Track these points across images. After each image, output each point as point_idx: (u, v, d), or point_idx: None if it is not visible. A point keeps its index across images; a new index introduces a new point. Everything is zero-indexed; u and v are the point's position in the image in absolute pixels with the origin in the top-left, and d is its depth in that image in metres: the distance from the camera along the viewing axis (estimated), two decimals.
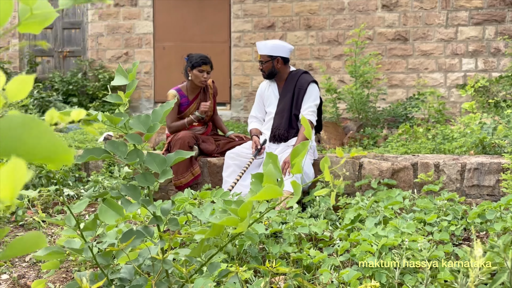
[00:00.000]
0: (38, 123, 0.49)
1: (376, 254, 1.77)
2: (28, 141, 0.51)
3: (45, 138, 0.50)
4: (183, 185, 3.62)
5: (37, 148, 0.51)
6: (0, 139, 0.51)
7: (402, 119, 5.29)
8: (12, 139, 0.51)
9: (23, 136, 0.50)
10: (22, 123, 0.49)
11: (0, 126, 0.51)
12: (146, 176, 1.10)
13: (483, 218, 2.16)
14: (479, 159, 3.36)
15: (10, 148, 0.50)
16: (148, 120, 1.11)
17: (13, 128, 0.49)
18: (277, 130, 3.53)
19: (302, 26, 6.66)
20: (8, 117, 0.52)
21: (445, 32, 6.22)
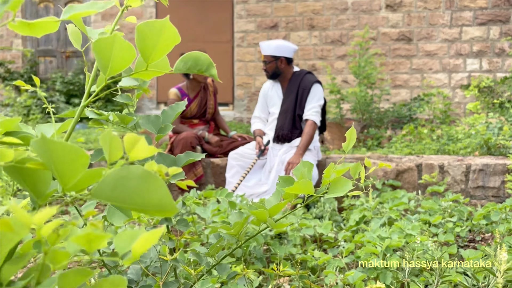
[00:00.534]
0: (155, 178, 0.51)
1: (381, 255, 1.76)
2: (142, 194, 0.54)
3: (158, 192, 0.52)
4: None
5: (148, 202, 0.54)
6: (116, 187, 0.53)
7: (406, 119, 5.28)
8: (127, 190, 0.54)
9: (138, 189, 0.52)
10: (140, 176, 0.52)
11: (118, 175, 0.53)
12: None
13: (488, 219, 2.15)
14: (484, 160, 3.35)
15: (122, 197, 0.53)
16: (158, 121, 1.11)
17: (130, 179, 0.52)
18: (280, 130, 3.52)
19: (305, 26, 6.65)
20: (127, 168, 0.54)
21: (449, 32, 6.21)
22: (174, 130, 3.84)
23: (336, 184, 0.91)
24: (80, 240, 0.53)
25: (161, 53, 0.75)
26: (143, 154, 0.56)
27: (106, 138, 0.57)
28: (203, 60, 0.85)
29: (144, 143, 0.56)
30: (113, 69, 0.74)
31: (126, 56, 0.72)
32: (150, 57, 0.75)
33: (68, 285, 0.57)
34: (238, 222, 0.94)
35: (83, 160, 0.57)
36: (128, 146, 0.57)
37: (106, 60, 0.72)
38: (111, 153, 0.58)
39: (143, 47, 0.74)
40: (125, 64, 0.73)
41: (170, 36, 0.73)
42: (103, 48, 0.71)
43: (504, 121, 3.81)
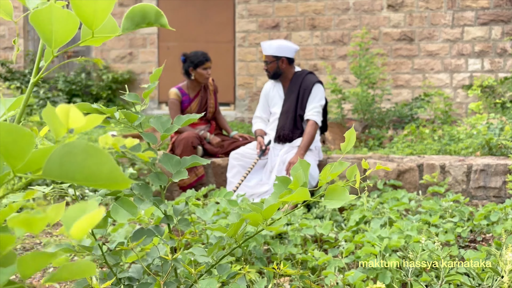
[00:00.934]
0: (99, 152, 0.51)
1: (379, 256, 1.77)
2: (89, 168, 0.53)
3: (106, 166, 0.51)
4: (187, 185, 3.63)
5: (97, 175, 0.53)
6: (62, 164, 0.52)
7: (408, 119, 5.28)
8: (74, 165, 0.53)
9: (84, 163, 0.52)
10: (84, 150, 0.51)
11: (62, 151, 0.52)
12: (159, 176, 1.10)
13: (489, 220, 2.15)
14: (486, 160, 3.35)
15: (71, 172, 0.52)
16: (168, 123, 1.12)
17: (76, 154, 0.51)
18: (282, 130, 3.52)
19: (307, 26, 6.66)
20: (70, 144, 0.53)
21: (451, 32, 6.20)
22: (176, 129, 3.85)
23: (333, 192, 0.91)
24: (20, 223, 0.52)
25: (102, 16, 0.72)
26: (80, 123, 0.56)
27: (48, 113, 0.57)
28: (149, 12, 0.82)
29: (76, 111, 0.55)
30: (57, 41, 0.72)
31: (68, 26, 0.70)
32: (93, 23, 0.73)
33: (28, 269, 0.57)
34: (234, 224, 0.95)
35: (27, 139, 0.56)
36: (62, 117, 0.56)
37: (48, 32, 0.71)
38: (55, 128, 0.57)
39: (82, 14, 0.72)
40: (69, 34, 0.72)
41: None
42: (41, 20, 0.70)
43: (505, 121, 3.80)
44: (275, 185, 0.96)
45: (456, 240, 2.15)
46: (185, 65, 3.86)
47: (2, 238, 0.58)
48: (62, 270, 0.58)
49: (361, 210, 2.37)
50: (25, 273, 0.59)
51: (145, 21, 0.84)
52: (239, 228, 0.97)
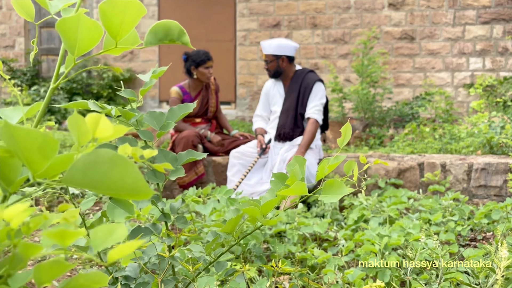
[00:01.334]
0: (125, 162, 0.51)
1: (379, 254, 1.76)
2: (113, 178, 0.53)
3: (130, 176, 0.51)
4: (187, 184, 3.62)
5: (121, 185, 0.54)
6: (86, 172, 0.53)
7: (409, 118, 5.27)
8: (98, 174, 0.53)
9: (109, 172, 0.52)
10: (110, 160, 0.51)
11: (87, 159, 0.52)
12: (156, 173, 1.10)
13: (490, 218, 2.14)
14: (486, 159, 3.34)
15: (94, 181, 0.52)
16: (162, 118, 1.11)
17: (101, 163, 0.51)
18: (282, 129, 3.52)
19: (308, 25, 6.65)
20: (96, 152, 0.53)
21: (452, 31, 6.19)
22: (176, 128, 3.85)
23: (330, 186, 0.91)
24: (53, 236, 0.52)
25: (128, 28, 0.73)
26: (108, 133, 0.56)
27: (74, 121, 0.57)
28: (173, 29, 0.83)
29: (106, 121, 0.55)
30: (80, 49, 0.73)
31: (92, 35, 0.71)
32: (118, 34, 0.74)
33: (45, 278, 0.57)
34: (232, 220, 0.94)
35: (51, 146, 0.56)
36: (91, 126, 0.56)
37: (72, 40, 0.71)
38: (79, 136, 0.57)
39: (109, 25, 0.73)
40: (93, 43, 0.72)
41: (135, 11, 0.71)
42: (67, 28, 0.70)
43: (506, 120, 3.79)
44: (272, 182, 0.96)
45: (456, 238, 2.14)
46: (187, 64, 3.85)
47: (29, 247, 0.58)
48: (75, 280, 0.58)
49: (360, 209, 2.36)
50: (41, 281, 0.59)
51: (167, 38, 0.86)
52: (237, 224, 0.96)
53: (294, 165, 0.94)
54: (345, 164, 0.95)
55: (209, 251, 1.01)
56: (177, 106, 1.07)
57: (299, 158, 1.00)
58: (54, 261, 0.58)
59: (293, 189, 0.85)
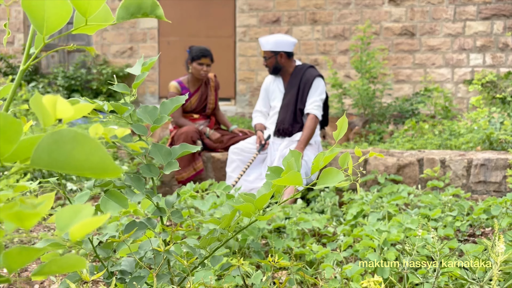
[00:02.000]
0: (89, 140, 0.49)
1: (378, 250, 1.75)
2: (79, 157, 0.52)
3: (96, 154, 0.50)
4: (185, 179, 3.62)
5: (86, 164, 0.52)
6: (51, 152, 0.51)
7: (409, 114, 5.25)
8: (63, 154, 0.52)
9: (74, 151, 0.50)
10: (73, 138, 0.50)
11: (50, 140, 0.51)
12: (150, 167, 1.09)
13: (489, 214, 2.14)
14: (486, 155, 3.33)
15: (60, 162, 0.51)
16: (155, 112, 1.10)
17: (64, 143, 0.50)
18: (281, 124, 3.51)
19: (307, 20, 6.62)
20: (59, 132, 0.52)
21: (453, 27, 6.17)
22: (175, 123, 3.84)
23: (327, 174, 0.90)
24: (10, 217, 0.51)
25: (97, 3, 0.71)
26: (68, 114, 0.54)
27: (36, 102, 0.55)
28: (145, 2, 0.81)
29: (63, 102, 0.54)
30: (49, 27, 0.71)
31: (60, 12, 0.69)
32: (87, 10, 0.72)
33: (14, 263, 0.56)
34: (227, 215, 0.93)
35: (15, 127, 0.55)
36: (50, 108, 0.55)
37: (39, 18, 0.69)
38: (43, 118, 0.56)
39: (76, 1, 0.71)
40: (62, 21, 0.70)
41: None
42: (33, 5, 0.68)
43: (506, 116, 3.78)
44: (267, 175, 0.95)
45: (455, 234, 2.13)
46: (188, 57, 3.85)
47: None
48: (51, 264, 0.57)
49: (359, 204, 2.35)
50: (11, 267, 0.58)
51: (140, 12, 0.84)
52: (232, 219, 0.95)
53: (290, 158, 0.93)
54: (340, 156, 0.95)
55: (204, 244, 1.00)
56: (169, 100, 1.06)
57: (295, 152, 0.99)
58: (22, 247, 0.57)
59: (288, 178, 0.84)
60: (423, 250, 1.81)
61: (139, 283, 0.97)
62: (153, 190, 1.11)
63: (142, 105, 1.08)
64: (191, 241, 1.04)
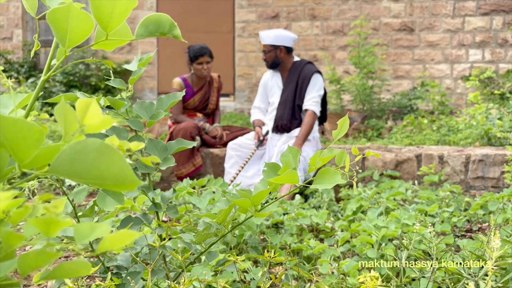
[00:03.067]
0: (113, 151, 0.50)
1: (376, 245, 1.76)
2: (100, 167, 0.52)
3: (117, 166, 0.50)
4: (184, 175, 3.62)
5: (107, 175, 0.53)
6: (72, 162, 0.52)
7: (407, 110, 5.25)
8: (84, 163, 0.52)
9: (96, 162, 0.51)
10: (97, 149, 0.50)
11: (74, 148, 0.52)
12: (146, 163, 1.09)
13: (486, 209, 2.14)
14: (484, 150, 3.33)
15: (80, 172, 0.51)
16: (152, 107, 1.10)
17: (87, 153, 0.50)
18: (280, 120, 3.51)
19: (307, 16, 6.61)
20: (84, 141, 0.52)
21: (452, 23, 6.16)
22: (174, 119, 3.83)
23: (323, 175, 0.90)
24: (38, 224, 0.52)
25: (118, 20, 0.72)
26: (97, 121, 0.55)
27: (61, 110, 0.56)
28: (164, 22, 0.82)
29: (96, 106, 0.54)
30: (71, 40, 0.72)
31: (83, 26, 0.70)
32: (109, 25, 0.72)
33: (29, 267, 0.56)
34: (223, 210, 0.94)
35: (37, 136, 0.55)
36: (80, 112, 0.55)
37: (63, 31, 0.70)
38: (66, 126, 0.56)
39: (99, 16, 0.72)
40: (84, 35, 0.71)
41: (125, 1, 0.70)
42: (58, 18, 0.69)
43: (504, 112, 3.78)
44: (264, 172, 0.95)
45: (452, 230, 2.14)
46: (188, 58, 3.84)
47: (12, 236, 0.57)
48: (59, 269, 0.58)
49: (357, 200, 2.36)
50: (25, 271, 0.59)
51: (158, 31, 0.85)
52: (228, 214, 0.96)
53: (287, 155, 0.93)
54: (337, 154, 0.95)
55: (200, 240, 1.00)
56: (165, 96, 1.06)
57: (293, 148, 0.99)
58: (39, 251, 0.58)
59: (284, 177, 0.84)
60: (420, 245, 1.81)
61: (135, 278, 0.97)
62: (149, 186, 1.11)
63: (139, 100, 1.08)
64: (187, 236, 1.04)
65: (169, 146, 1.10)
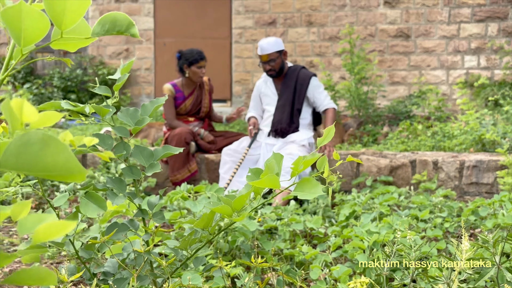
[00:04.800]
0: (56, 142, 0.50)
1: (367, 251, 1.76)
2: (45, 159, 0.53)
3: (62, 156, 0.51)
4: (180, 181, 3.62)
5: (53, 166, 0.53)
6: (18, 154, 0.52)
7: (403, 116, 5.27)
8: (30, 155, 0.53)
9: (41, 153, 0.51)
10: (41, 140, 0.51)
11: (19, 141, 0.52)
12: (132, 169, 1.10)
13: (477, 215, 2.15)
14: (478, 156, 3.34)
15: (27, 163, 0.52)
16: (136, 114, 1.11)
17: (32, 144, 0.51)
18: (279, 124, 3.54)
19: (303, 22, 6.64)
20: (27, 134, 0.53)
21: (448, 29, 6.19)
22: (169, 125, 3.84)
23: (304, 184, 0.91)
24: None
25: (72, 18, 0.71)
26: (34, 118, 0.55)
27: (6, 107, 0.56)
28: (121, 20, 0.82)
29: (29, 106, 0.55)
30: (26, 40, 0.72)
31: (38, 25, 0.70)
32: (62, 24, 0.72)
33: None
34: (206, 215, 0.94)
35: None
36: (17, 111, 0.56)
37: (17, 30, 0.70)
38: (12, 122, 0.57)
39: (52, 14, 0.71)
40: (39, 34, 0.71)
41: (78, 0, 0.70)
42: (11, 17, 0.69)
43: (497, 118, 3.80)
44: (248, 177, 0.96)
45: (444, 235, 2.14)
46: (180, 62, 3.84)
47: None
48: (18, 275, 0.57)
49: (351, 205, 2.36)
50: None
51: (115, 29, 0.85)
52: (211, 219, 0.96)
53: (271, 160, 0.94)
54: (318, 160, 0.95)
55: (185, 246, 1.00)
56: (149, 102, 1.07)
57: (277, 154, 1.00)
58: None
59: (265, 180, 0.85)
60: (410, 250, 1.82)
61: (121, 285, 0.97)
62: (135, 192, 1.11)
63: (123, 108, 1.08)
64: (172, 242, 1.04)
65: (155, 153, 1.10)
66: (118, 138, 1.14)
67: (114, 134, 4.79)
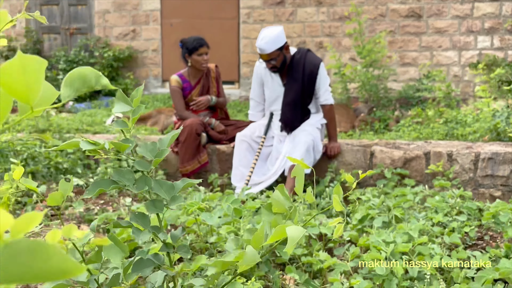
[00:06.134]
0: (45, 247, 0.49)
1: (384, 263, 1.75)
2: (36, 265, 0.52)
3: (54, 260, 0.50)
4: (189, 172, 3.60)
5: (47, 271, 0.53)
6: (6, 267, 0.51)
7: (415, 101, 5.20)
8: (20, 266, 0.52)
9: (31, 262, 0.51)
10: (28, 249, 0.50)
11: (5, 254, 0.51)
12: (155, 203, 1.08)
13: (497, 219, 2.12)
14: (494, 147, 3.30)
15: (17, 273, 0.51)
16: (155, 147, 1.09)
17: (19, 255, 0.50)
18: (291, 124, 3.44)
19: (312, 2, 6.50)
20: (13, 244, 0.52)
21: (461, 9, 6.04)
22: (179, 116, 3.80)
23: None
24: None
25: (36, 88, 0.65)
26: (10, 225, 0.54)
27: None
28: (88, 76, 0.78)
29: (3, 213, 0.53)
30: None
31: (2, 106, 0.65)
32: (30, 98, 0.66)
33: None
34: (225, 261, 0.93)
35: None
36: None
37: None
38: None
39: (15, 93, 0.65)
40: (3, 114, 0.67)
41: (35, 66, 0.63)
42: None
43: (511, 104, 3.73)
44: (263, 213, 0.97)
45: (463, 238, 2.12)
46: (182, 51, 3.77)
47: None
48: None
49: (366, 208, 2.35)
50: None
51: (85, 86, 0.81)
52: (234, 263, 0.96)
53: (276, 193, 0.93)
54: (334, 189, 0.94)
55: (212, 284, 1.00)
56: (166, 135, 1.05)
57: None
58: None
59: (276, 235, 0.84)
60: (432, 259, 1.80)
61: None
62: (159, 226, 1.10)
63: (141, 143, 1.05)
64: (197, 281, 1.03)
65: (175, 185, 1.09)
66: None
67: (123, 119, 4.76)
